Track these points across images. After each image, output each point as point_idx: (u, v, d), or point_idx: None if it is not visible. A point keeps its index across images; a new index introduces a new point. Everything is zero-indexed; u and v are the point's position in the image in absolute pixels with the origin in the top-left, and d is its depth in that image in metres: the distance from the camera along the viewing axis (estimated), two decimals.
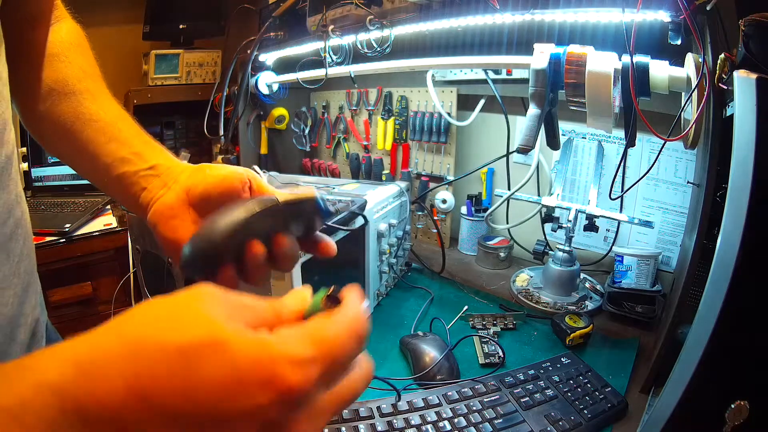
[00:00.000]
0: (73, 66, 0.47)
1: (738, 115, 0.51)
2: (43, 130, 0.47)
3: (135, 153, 0.44)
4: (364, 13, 1.00)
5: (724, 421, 0.49)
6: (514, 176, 1.18)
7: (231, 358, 0.21)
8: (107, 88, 0.48)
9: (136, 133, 0.45)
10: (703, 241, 0.66)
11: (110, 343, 0.21)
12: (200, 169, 0.42)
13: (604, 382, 0.72)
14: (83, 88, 0.46)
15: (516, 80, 1.10)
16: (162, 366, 0.21)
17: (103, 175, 0.44)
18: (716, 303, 0.49)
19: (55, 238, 1.44)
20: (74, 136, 0.44)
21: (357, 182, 1.11)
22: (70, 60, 0.47)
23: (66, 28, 0.49)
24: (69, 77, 0.46)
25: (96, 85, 0.47)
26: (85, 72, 0.47)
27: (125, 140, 0.44)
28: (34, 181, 1.74)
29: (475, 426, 0.64)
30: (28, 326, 0.46)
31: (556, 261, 1.00)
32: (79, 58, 0.48)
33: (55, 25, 0.48)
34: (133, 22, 1.82)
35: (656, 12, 0.68)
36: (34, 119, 0.46)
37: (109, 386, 0.20)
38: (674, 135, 0.71)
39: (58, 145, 0.47)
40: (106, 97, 0.47)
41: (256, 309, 0.25)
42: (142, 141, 0.45)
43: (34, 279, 0.48)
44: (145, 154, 0.44)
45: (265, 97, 1.44)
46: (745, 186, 0.49)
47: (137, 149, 0.44)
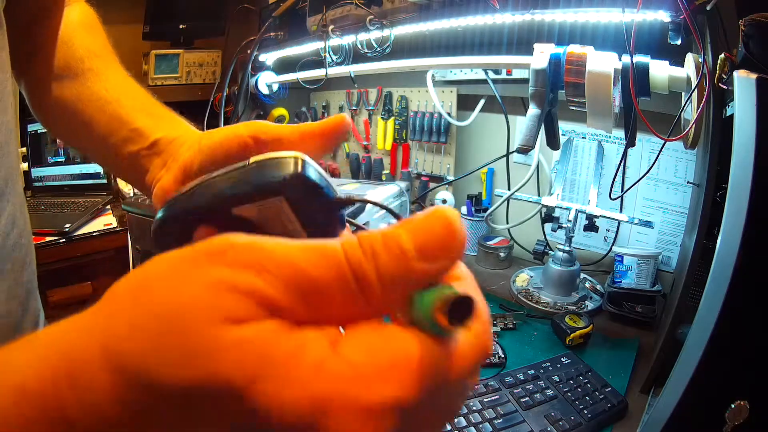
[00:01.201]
0: (78, 48, 0.45)
1: (738, 115, 0.51)
2: (53, 119, 0.46)
3: (135, 130, 0.39)
4: (364, 13, 1.00)
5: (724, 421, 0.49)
6: (514, 176, 1.18)
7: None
8: (116, 62, 0.46)
9: (140, 106, 0.41)
10: (703, 241, 0.66)
11: (97, 369, 0.16)
12: (196, 142, 0.35)
13: (604, 382, 0.72)
14: (86, 67, 0.44)
15: (516, 80, 1.10)
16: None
17: (113, 160, 0.41)
18: (716, 303, 0.49)
19: (55, 238, 1.44)
20: (79, 119, 0.42)
21: (357, 182, 1.11)
22: (75, 42, 0.46)
23: (76, 10, 0.48)
24: (73, 60, 0.44)
25: (102, 63, 0.45)
26: (91, 51, 0.45)
27: (126, 117, 0.40)
28: (34, 181, 1.74)
29: (475, 426, 0.64)
30: (30, 333, 0.45)
31: (556, 261, 1.00)
32: (86, 39, 0.46)
33: (66, 8, 0.47)
34: (133, 22, 1.82)
35: (656, 12, 0.68)
36: (45, 107, 0.45)
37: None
38: (674, 135, 0.71)
39: (69, 132, 0.45)
40: (112, 74, 0.44)
41: (307, 280, 0.16)
42: (145, 114, 0.40)
43: (35, 285, 0.48)
44: (146, 130, 0.39)
45: (265, 97, 1.44)
46: (745, 186, 0.49)
47: (138, 124, 0.39)
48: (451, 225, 0.17)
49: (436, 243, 0.17)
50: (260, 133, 0.30)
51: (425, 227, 0.17)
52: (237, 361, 0.14)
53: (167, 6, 1.81)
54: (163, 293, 0.16)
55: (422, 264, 0.16)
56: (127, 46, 1.84)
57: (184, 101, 1.86)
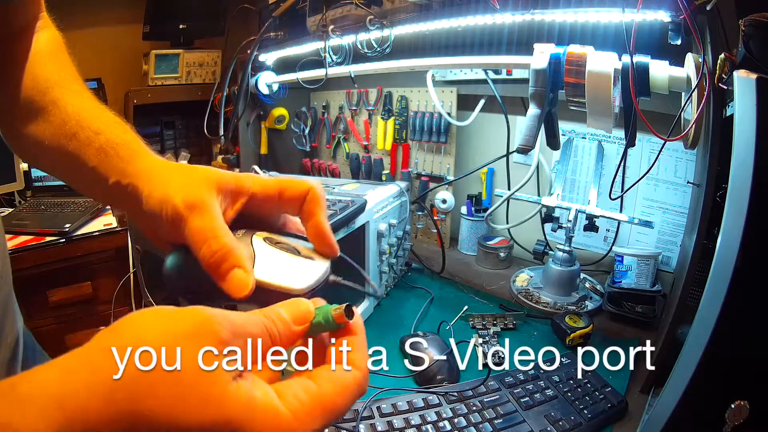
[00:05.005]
0: (39, 80, 0.42)
1: (738, 115, 0.51)
2: (31, 154, 0.44)
3: (122, 159, 0.38)
4: (364, 13, 1.00)
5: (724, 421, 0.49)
6: (514, 176, 1.18)
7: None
8: (83, 87, 0.44)
9: (106, 143, 0.39)
10: (703, 241, 0.66)
11: (99, 408, 0.21)
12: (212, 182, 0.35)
13: (604, 382, 0.72)
14: (48, 100, 0.42)
15: (516, 80, 1.10)
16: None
17: (100, 186, 0.39)
18: (716, 303, 0.49)
19: (55, 238, 1.43)
20: (62, 152, 0.40)
21: (357, 182, 1.11)
22: (37, 73, 0.43)
23: (44, 38, 0.45)
24: (35, 93, 0.42)
25: (61, 91, 0.42)
26: (51, 82, 0.43)
27: (111, 144, 0.38)
28: (34, 181, 1.74)
29: (475, 426, 0.64)
30: (8, 346, 0.45)
31: (556, 261, 1.00)
32: (48, 67, 0.44)
33: (36, 35, 0.44)
34: (133, 22, 1.82)
35: (656, 12, 0.68)
36: (18, 140, 0.43)
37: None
38: (674, 135, 0.71)
39: (50, 165, 0.43)
40: (70, 100, 0.42)
41: (251, 338, 0.25)
42: (105, 155, 0.38)
43: (12, 299, 0.48)
44: (109, 169, 0.38)
45: (265, 97, 1.44)
46: (745, 186, 0.49)
47: (122, 153, 0.38)
48: (306, 305, 0.29)
49: (300, 313, 0.28)
50: (248, 187, 0.35)
51: (292, 305, 0.28)
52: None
53: (167, 6, 1.81)
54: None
55: (296, 325, 0.28)
56: (127, 46, 1.84)
57: (184, 101, 1.87)
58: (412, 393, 0.70)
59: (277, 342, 0.26)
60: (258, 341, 0.25)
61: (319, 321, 0.28)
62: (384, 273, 1.00)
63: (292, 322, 0.27)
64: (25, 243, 1.39)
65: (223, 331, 0.24)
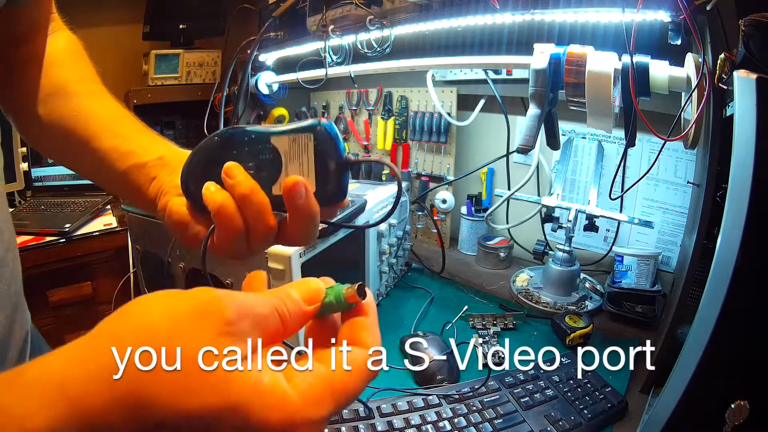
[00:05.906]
0: (72, 71, 0.47)
1: (738, 115, 0.51)
2: (43, 135, 0.47)
3: (141, 146, 0.43)
4: (364, 13, 1.00)
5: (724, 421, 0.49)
6: (514, 176, 1.18)
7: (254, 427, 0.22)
8: (108, 91, 0.48)
9: (140, 128, 0.45)
10: (703, 241, 0.66)
11: (101, 392, 0.21)
12: None
13: (604, 382, 0.72)
14: (82, 89, 0.46)
15: (516, 80, 1.10)
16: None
17: (108, 173, 0.43)
18: (716, 303, 0.49)
19: (55, 238, 1.43)
20: (76, 135, 0.44)
21: (357, 182, 1.11)
22: (69, 66, 0.47)
23: (64, 38, 0.49)
24: (69, 81, 0.46)
25: (96, 86, 0.47)
26: (84, 75, 0.47)
27: (129, 135, 0.43)
28: (34, 181, 1.74)
29: (475, 426, 0.64)
30: (17, 346, 0.46)
31: (556, 261, 1.00)
32: (79, 64, 0.48)
33: (51, 36, 0.48)
34: (133, 22, 1.82)
35: (656, 12, 0.68)
36: (34, 126, 0.46)
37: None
38: (674, 135, 0.71)
39: (60, 147, 0.46)
40: (106, 96, 0.47)
41: (259, 318, 0.24)
42: (146, 135, 0.44)
43: (22, 299, 0.48)
44: (151, 147, 0.43)
45: (265, 97, 1.44)
46: (745, 186, 0.49)
47: (142, 142, 0.43)
48: (317, 283, 0.28)
49: (310, 292, 0.27)
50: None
51: (302, 285, 0.28)
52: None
53: (167, 6, 1.81)
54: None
55: (307, 305, 0.27)
56: (127, 46, 1.84)
57: (184, 101, 1.86)
58: (412, 393, 0.70)
59: (287, 322, 0.25)
60: (267, 322, 0.25)
61: (331, 301, 0.27)
62: (384, 273, 1.00)
63: (302, 302, 0.26)
64: (25, 243, 1.39)
65: (228, 311, 0.23)
